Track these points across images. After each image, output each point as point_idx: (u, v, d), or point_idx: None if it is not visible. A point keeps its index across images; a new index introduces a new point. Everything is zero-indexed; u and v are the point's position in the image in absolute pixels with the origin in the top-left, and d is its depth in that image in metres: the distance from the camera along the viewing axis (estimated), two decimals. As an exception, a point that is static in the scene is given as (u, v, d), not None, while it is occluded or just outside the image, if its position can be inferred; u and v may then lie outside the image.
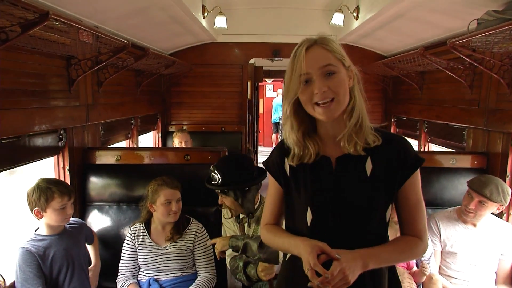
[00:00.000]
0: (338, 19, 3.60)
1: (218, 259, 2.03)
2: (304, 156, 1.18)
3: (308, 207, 1.17)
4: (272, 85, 11.42)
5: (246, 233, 2.11)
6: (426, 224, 1.20)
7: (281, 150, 1.25)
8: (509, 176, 2.32)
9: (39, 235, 1.95)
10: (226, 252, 2.11)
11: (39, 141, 2.11)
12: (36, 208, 1.88)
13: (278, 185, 1.27)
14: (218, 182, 1.96)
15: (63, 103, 2.28)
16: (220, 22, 3.78)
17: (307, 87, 1.11)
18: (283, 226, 1.34)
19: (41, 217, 1.91)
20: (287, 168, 1.23)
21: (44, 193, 1.86)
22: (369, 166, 1.14)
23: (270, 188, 1.31)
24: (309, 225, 1.17)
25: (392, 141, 1.16)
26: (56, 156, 2.31)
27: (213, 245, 2.02)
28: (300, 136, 1.17)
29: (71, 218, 2.12)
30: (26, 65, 1.94)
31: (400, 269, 2.03)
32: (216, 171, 1.97)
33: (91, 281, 2.14)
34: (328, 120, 1.12)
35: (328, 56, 1.11)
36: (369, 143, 1.14)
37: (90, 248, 2.23)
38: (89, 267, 2.18)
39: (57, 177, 2.33)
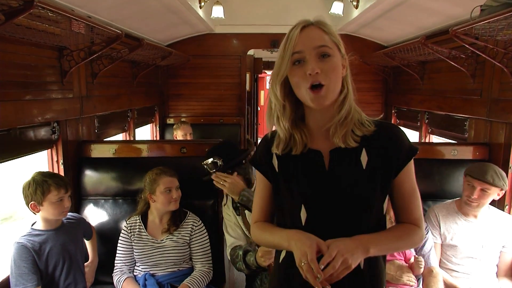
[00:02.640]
0: (337, 8, 3.52)
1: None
2: (291, 146, 1.12)
3: (302, 205, 1.10)
4: (272, 77, 11.30)
5: (248, 221, 2.08)
6: (422, 212, 1.16)
7: (267, 144, 1.18)
8: (511, 167, 2.28)
9: (35, 229, 1.92)
10: (227, 243, 2.09)
11: (31, 134, 2.06)
12: (33, 202, 1.85)
13: (267, 180, 1.19)
14: (221, 164, 1.99)
15: (56, 95, 2.22)
16: (217, 12, 3.71)
17: (299, 67, 1.04)
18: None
19: (38, 211, 1.87)
20: (276, 163, 1.16)
21: (40, 186, 1.83)
22: (364, 158, 1.08)
23: (258, 185, 1.23)
24: (303, 223, 1.10)
25: (385, 130, 1.11)
26: (49, 149, 2.27)
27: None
28: (289, 124, 1.10)
29: (69, 213, 2.09)
30: (15, 56, 1.88)
31: (398, 262, 2.00)
32: (213, 157, 2.00)
33: (87, 277, 2.11)
34: (318, 107, 1.05)
35: (324, 37, 1.05)
36: (359, 134, 1.08)
37: (88, 244, 2.20)
38: (85, 263, 2.15)
39: (50, 171, 2.29)
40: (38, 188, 1.83)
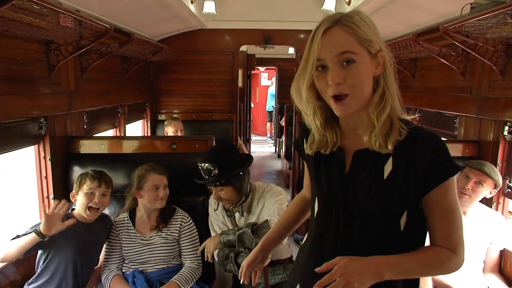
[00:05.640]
0: (329, 4, 3.51)
1: (210, 261, 1.99)
2: (321, 145, 1.08)
3: (316, 198, 1.12)
4: (267, 74, 11.30)
5: (237, 223, 2.08)
6: (462, 235, 1.03)
7: (303, 131, 1.18)
8: (500, 165, 2.30)
9: (69, 213, 1.96)
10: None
11: (17, 130, 2.02)
12: (73, 191, 2.00)
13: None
14: (215, 173, 1.92)
15: (43, 90, 2.19)
16: (209, 7, 3.68)
17: (323, 73, 0.97)
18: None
19: (75, 201, 1.98)
20: (306, 151, 1.16)
21: (80, 176, 1.99)
22: (388, 167, 1.00)
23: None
24: (315, 216, 1.12)
25: (422, 141, 0.98)
26: (36, 145, 2.23)
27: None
28: (322, 125, 1.05)
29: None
30: (0, 50, 1.84)
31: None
32: (209, 164, 1.92)
33: (90, 282, 2.05)
34: (342, 116, 1.00)
35: (348, 41, 0.94)
36: (393, 140, 0.98)
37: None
38: (95, 267, 2.11)
39: (38, 167, 2.26)
40: (78, 178, 1.99)
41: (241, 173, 1.96)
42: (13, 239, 1.78)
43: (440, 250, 1.01)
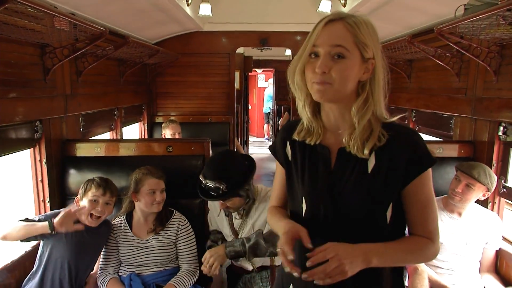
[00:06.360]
0: (325, 6, 3.53)
1: (210, 275, 1.86)
2: (308, 135, 1.12)
3: (303, 198, 1.13)
4: (264, 75, 11.31)
5: (233, 223, 2.07)
6: (438, 225, 1.09)
7: (284, 133, 1.21)
8: (495, 165, 2.31)
9: None
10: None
11: (12, 133, 2.02)
12: (77, 196, 1.97)
13: (282, 167, 1.23)
14: (223, 190, 1.81)
15: (38, 93, 2.18)
16: (205, 9, 3.69)
17: (313, 61, 1.02)
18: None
19: (78, 206, 1.95)
20: (289, 153, 1.19)
21: (87, 182, 1.98)
22: (371, 161, 1.04)
23: (276, 171, 1.28)
24: (303, 215, 1.14)
25: (401, 136, 1.04)
26: (32, 148, 2.22)
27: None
28: (310, 113, 1.09)
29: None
30: (-6, 53, 1.84)
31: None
32: (215, 181, 1.80)
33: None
34: (318, 100, 1.04)
35: (344, 36, 0.99)
36: (371, 145, 1.03)
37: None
38: (91, 272, 2.09)
39: (33, 170, 2.25)
40: (84, 184, 1.98)
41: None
42: (20, 220, 1.83)
43: (419, 239, 1.08)
